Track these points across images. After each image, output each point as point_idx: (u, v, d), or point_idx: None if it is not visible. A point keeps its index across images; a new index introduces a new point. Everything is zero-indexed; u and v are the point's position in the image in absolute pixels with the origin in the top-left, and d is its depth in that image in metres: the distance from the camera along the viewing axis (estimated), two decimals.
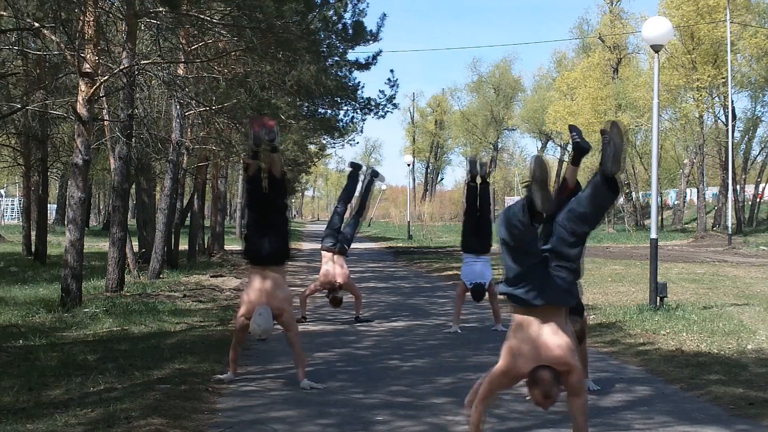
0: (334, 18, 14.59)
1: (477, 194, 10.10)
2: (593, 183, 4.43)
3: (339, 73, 17.52)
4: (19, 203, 46.36)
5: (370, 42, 15.05)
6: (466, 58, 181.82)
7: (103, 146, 19.23)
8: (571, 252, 4.45)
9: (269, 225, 6.70)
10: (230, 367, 6.86)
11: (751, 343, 8.49)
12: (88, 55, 11.20)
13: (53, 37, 11.60)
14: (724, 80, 35.22)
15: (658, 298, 10.97)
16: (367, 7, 23.34)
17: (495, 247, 5.93)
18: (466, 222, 10.22)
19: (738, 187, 40.48)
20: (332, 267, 10.56)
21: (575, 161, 6.00)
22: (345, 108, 19.39)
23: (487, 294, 9.93)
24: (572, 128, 6.07)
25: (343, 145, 47.02)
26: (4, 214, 52.64)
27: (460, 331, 9.78)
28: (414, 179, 77.23)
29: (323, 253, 10.75)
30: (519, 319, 4.47)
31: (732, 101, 35.53)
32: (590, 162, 23.47)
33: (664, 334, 9.11)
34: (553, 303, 4.39)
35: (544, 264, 4.42)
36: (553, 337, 4.37)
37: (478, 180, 10.18)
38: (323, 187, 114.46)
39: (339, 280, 10.51)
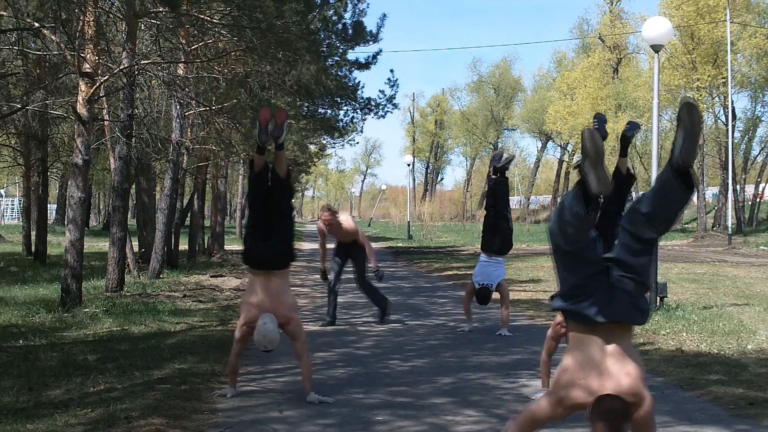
0: (334, 18, 14.58)
1: (494, 189, 9.76)
2: (661, 178, 3.67)
3: (339, 73, 17.52)
4: (19, 203, 46.36)
5: (370, 42, 15.03)
6: (466, 58, 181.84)
7: (103, 146, 19.22)
8: (637, 262, 3.73)
9: (272, 227, 6.17)
10: (230, 381, 6.33)
11: (751, 343, 8.49)
12: (88, 55, 11.20)
13: (53, 37, 11.60)
14: (724, 80, 35.24)
15: (658, 298, 10.97)
16: (367, 7, 23.38)
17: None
18: (484, 219, 9.94)
19: (738, 187, 40.49)
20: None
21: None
22: (345, 108, 19.39)
23: (499, 296, 9.73)
24: (596, 115, 6.14)
25: (343, 145, 46.95)
26: (4, 214, 52.65)
27: (468, 328, 9.73)
28: (414, 179, 77.23)
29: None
30: (576, 340, 3.81)
31: (732, 101, 35.55)
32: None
33: (664, 334, 9.11)
34: (618, 320, 3.73)
35: (605, 274, 3.76)
36: (619, 362, 3.71)
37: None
38: (323, 187, 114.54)
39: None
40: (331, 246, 10.60)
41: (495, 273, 9.57)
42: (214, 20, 13.56)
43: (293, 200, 6.53)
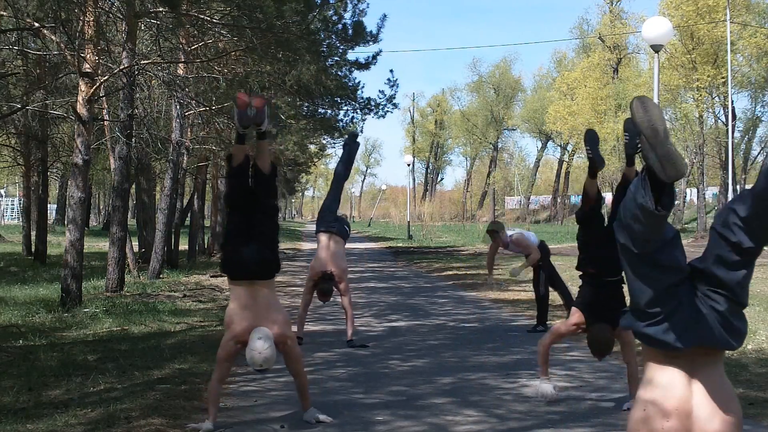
0: (334, 18, 14.58)
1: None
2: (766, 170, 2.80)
3: (339, 73, 17.52)
4: (19, 203, 46.34)
5: (370, 42, 15.03)
6: (466, 58, 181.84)
7: (103, 146, 19.24)
8: (733, 277, 2.90)
9: (255, 230, 5.33)
10: (210, 412, 5.30)
11: (751, 343, 8.49)
12: (88, 55, 11.20)
13: (53, 37, 11.60)
14: (723, 80, 35.23)
15: None
16: (367, 7, 23.34)
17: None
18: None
19: (738, 187, 40.45)
20: (326, 252, 8.77)
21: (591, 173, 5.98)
22: (345, 108, 19.39)
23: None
24: (588, 139, 6.03)
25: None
26: (4, 214, 52.65)
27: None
28: (414, 179, 77.30)
29: (320, 237, 8.97)
30: (653, 370, 3.07)
31: (732, 101, 35.53)
32: None
33: None
34: (704, 345, 2.97)
35: (688, 286, 2.97)
36: (708, 401, 2.95)
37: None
38: (323, 187, 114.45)
39: (331, 268, 8.66)
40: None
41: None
42: (214, 20, 13.57)
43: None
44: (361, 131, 28.76)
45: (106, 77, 12.09)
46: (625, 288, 3.30)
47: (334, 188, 9.38)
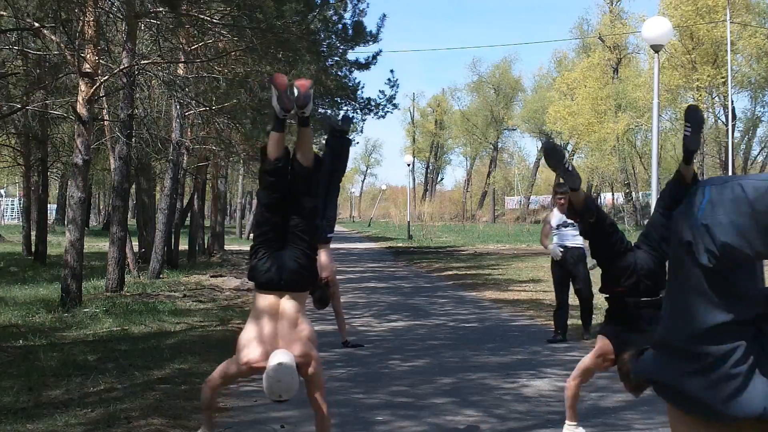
0: (334, 18, 14.59)
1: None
2: None
3: (339, 73, 17.52)
4: (19, 203, 46.36)
5: (370, 42, 15.04)
6: (466, 58, 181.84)
7: (103, 146, 19.24)
8: None
9: (291, 234, 4.50)
10: (205, 420, 4.66)
11: None
12: (88, 55, 11.20)
13: (53, 37, 11.60)
14: (723, 80, 35.23)
15: None
16: (367, 7, 23.33)
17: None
18: None
19: None
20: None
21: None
22: (345, 108, 19.38)
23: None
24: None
25: None
26: (4, 214, 52.66)
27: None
28: (414, 179, 77.26)
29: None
30: None
31: (732, 101, 35.55)
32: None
33: None
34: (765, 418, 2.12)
35: (754, 328, 2.15)
36: None
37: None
38: None
39: (324, 273, 8.37)
40: None
41: None
42: (214, 20, 13.57)
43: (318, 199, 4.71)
44: (361, 131, 28.69)
45: (106, 77, 12.09)
46: None
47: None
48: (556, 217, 9.19)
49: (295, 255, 4.46)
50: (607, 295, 4.99)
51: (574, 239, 9.03)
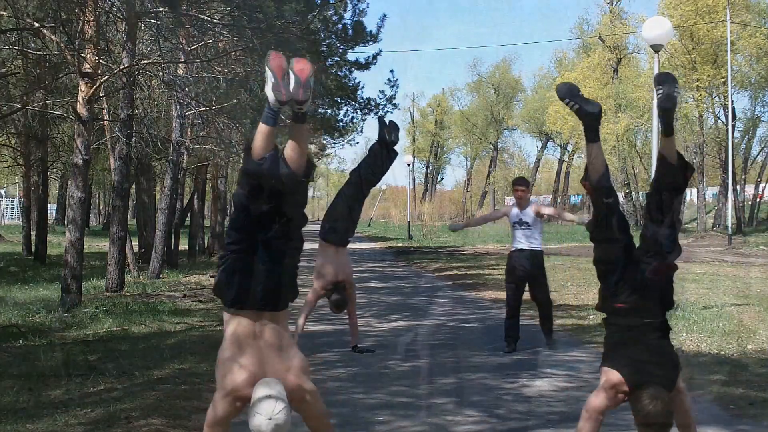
0: (334, 18, 14.62)
1: None
2: None
3: (339, 73, 17.54)
4: (19, 203, 46.34)
5: (370, 42, 15.07)
6: (467, 58, 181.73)
7: (103, 146, 19.24)
8: None
9: (271, 245, 3.80)
10: None
11: (751, 343, 8.48)
12: (88, 55, 11.20)
13: (53, 37, 11.60)
14: (723, 80, 35.23)
15: None
16: (367, 7, 23.38)
17: None
18: None
19: (738, 187, 40.48)
20: (335, 262, 8.21)
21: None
22: (345, 108, 19.42)
23: None
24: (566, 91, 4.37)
25: (343, 145, 46.95)
26: (4, 214, 52.65)
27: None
28: (414, 179, 77.22)
29: (324, 245, 8.38)
30: None
31: (732, 101, 35.54)
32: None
33: None
34: None
35: None
36: None
37: None
38: (323, 187, 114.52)
39: (341, 276, 8.21)
40: None
41: None
42: (214, 20, 13.57)
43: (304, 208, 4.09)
44: (361, 131, 28.70)
45: (106, 77, 12.09)
46: None
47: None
48: (514, 212, 8.69)
49: (272, 269, 3.79)
50: (605, 316, 4.38)
51: (530, 240, 8.46)
